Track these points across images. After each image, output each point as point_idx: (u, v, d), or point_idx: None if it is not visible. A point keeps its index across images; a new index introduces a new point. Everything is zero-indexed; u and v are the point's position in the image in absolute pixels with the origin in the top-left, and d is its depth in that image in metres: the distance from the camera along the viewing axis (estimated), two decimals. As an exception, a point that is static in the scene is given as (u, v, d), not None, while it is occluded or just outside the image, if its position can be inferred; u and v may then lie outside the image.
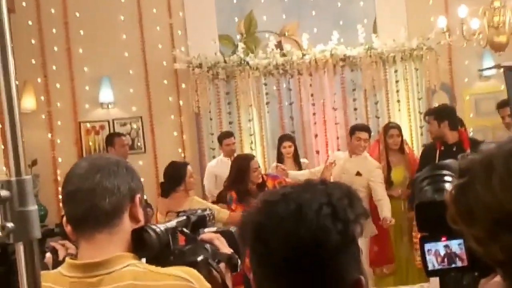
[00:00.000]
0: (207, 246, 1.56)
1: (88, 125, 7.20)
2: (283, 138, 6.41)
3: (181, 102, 7.32)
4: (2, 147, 6.37)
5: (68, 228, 1.51)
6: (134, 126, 7.29)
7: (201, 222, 1.68)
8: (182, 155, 7.29)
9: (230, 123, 7.25)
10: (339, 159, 5.72)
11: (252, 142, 7.27)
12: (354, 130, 5.75)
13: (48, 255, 1.84)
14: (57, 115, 7.13)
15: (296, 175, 5.68)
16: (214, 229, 1.69)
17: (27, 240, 1.08)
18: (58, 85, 7.12)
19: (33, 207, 1.09)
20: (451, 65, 7.41)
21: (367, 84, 7.24)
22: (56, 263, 1.73)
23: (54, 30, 7.08)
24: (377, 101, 7.34)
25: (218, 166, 6.25)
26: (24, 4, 6.77)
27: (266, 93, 7.31)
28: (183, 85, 7.27)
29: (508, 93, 5.63)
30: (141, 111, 7.29)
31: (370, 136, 5.82)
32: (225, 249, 1.60)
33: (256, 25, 7.46)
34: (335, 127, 7.34)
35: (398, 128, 5.92)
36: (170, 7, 7.28)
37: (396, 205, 5.54)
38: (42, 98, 7.07)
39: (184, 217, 1.64)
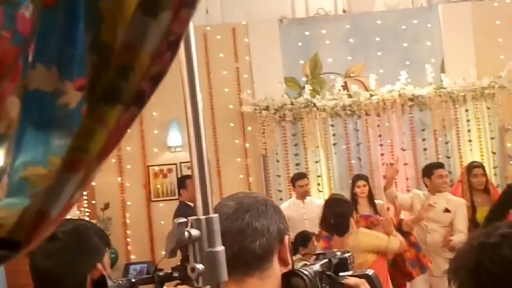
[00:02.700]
0: None
1: (156, 168, 7.27)
2: (357, 178, 6.25)
3: (247, 145, 7.32)
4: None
5: None
6: (201, 169, 7.31)
7: (342, 265, 1.59)
8: (249, 197, 7.25)
9: (297, 164, 7.19)
10: (421, 197, 5.65)
11: (319, 184, 7.20)
12: (431, 169, 5.68)
13: None
14: (126, 159, 7.23)
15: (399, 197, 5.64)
16: (350, 272, 1.59)
17: (216, 284, 1.03)
18: (128, 130, 7.23)
19: (220, 248, 1.05)
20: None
21: (437, 124, 7.11)
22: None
23: (124, 76, 7.24)
24: (448, 141, 7.20)
25: (291, 208, 6.20)
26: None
27: (333, 134, 7.27)
28: (249, 128, 7.29)
29: None
30: (208, 154, 7.28)
31: None
32: None
33: (322, 67, 7.45)
34: (404, 168, 7.20)
35: (482, 167, 5.82)
36: (237, 52, 7.37)
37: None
38: (112, 142, 7.18)
39: (326, 260, 1.55)
